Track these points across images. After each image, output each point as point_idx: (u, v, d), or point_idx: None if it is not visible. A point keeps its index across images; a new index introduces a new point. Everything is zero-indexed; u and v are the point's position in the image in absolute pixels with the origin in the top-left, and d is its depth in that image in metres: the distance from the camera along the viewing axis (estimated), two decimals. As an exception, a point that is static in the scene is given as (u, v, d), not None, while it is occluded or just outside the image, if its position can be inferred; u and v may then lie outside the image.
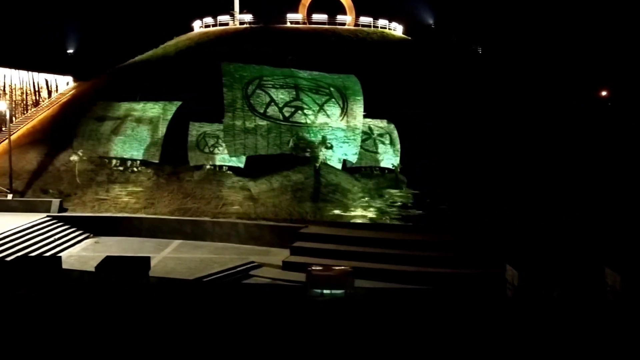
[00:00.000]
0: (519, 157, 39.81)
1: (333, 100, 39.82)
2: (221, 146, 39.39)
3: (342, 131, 38.83)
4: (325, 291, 19.54)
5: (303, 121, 38.86)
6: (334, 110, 39.31)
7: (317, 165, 38.41)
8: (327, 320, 17.23)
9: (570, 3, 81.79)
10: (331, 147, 38.63)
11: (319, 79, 40.82)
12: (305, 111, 39.30)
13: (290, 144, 38.24)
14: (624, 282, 18.39)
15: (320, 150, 38.45)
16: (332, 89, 40.49)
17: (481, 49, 65.48)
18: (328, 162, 38.72)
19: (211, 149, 39.74)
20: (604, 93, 63.84)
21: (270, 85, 40.17)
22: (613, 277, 18.96)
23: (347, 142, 38.93)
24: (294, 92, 39.97)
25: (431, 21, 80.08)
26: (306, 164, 38.83)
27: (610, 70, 70.58)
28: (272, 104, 39.30)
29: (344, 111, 39.57)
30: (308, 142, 38.59)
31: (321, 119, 39.06)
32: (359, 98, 39.53)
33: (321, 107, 39.46)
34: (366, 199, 37.70)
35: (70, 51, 73.87)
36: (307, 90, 39.86)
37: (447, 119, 43.16)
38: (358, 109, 39.33)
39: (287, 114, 39.21)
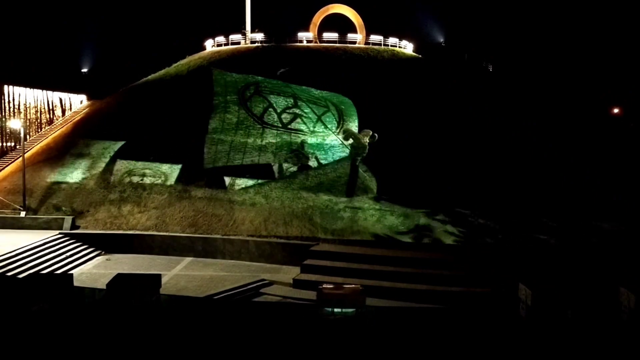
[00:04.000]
0: (530, 174, 39.54)
1: (330, 112, 39.61)
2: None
3: (339, 144, 38.40)
4: (336, 310, 19.43)
5: (303, 129, 38.21)
6: (331, 122, 38.99)
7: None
8: (338, 339, 17.10)
9: (581, 20, 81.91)
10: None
11: (315, 94, 40.83)
12: (304, 119, 38.72)
13: (289, 153, 37.49)
14: (638, 301, 18.12)
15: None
16: (328, 102, 40.39)
17: (492, 67, 65.47)
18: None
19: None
20: (616, 110, 63.40)
21: (269, 91, 39.97)
22: (627, 296, 18.70)
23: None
24: (292, 100, 39.55)
25: (441, 39, 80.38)
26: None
27: (623, 87, 70.26)
28: (270, 109, 38.77)
29: (340, 125, 39.46)
30: (308, 150, 37.72)
31: (320, 128, 38.51)
32: (354, 119, 39.46)
33: (319, 118, 39.04)
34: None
35: (84, 70, 74.88)
36: (306, 100, 39.68)
37: (456, 136, 43.06)
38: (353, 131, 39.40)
39: (285, 120, 38.69)
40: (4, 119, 49.16)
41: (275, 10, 76.45)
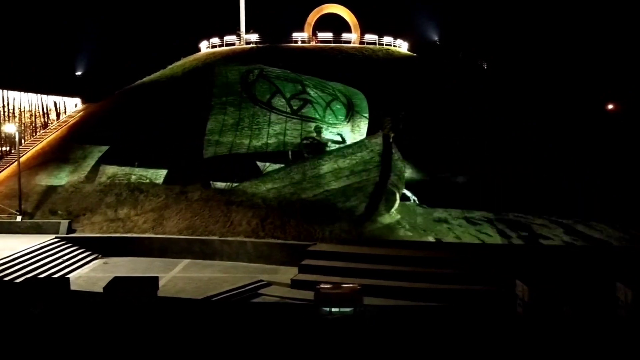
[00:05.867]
0: (527, 172, 39.59)
1: (338, 100, 37.89)
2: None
3: (348, 137, 36.94)
4: (334, 309, 19.38)
5: (314, 116, 36.19)
6: (340, 111, 37.20)
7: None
8: (337, 339, 17.08)
9: (576, 17, 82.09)
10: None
11: (324, 84, 39.46)
12: (315, 105, 36.56)
13: (303, 140, 35.64)
14: (635, 296, 18.14)
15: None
16: (337, 92, 38.89)
17: (487, 64, 65.61)
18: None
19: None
20: (610, 106, 63.46)
21: (274, 76, 38.01)
22: (624, 291, 18.72)
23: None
24: (300, 86, 37.49)
25: (436, 37, 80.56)
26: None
27: (618, 82, 70.37)
28: (278, 94, 36.92)
29: (350, 115, 37.50)
30: (324, 138, 35.31)
31: (330, 117, 36.68)
32: (365, 115, 38.41)
33: (328, 105, 37.31)
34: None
35: (78, 73, 74.69)
36: (313, 87, 37.93)
37: (453, 134, 43.11)
38: (363, 126, 38.44)
39: (295, 106, 36.68)
40: (-2, 124, 49.03)
41: (270, 10, 76.43)
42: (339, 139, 37.01)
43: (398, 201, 34.49)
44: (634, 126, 50.86)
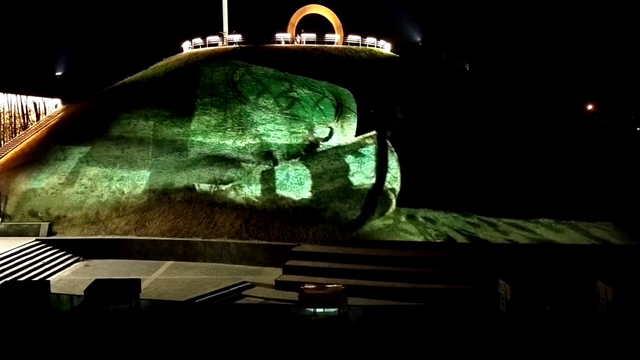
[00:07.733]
0: (507, 171, 39.91)
1: (327, 99, 37.62)
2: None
3: (338, 134, 36.66)
4: (318, 310, 19.37)
5: (303, 114, 35.81)
6: (329, 109, 36.91)
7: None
8: (320, 340, 17.06)
9: (556, 19, 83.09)
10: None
11: (311, 82, 39.00)
12: (303, 103, 36.29)
13: (300, 140, 35.09)
14: (615, 294, 18.38)
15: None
16: (325, 90, 38.56)
17: (468, 65, 66.01)
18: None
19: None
20: (590, 107, 64.26)
21: (262, 74, 37.58)
22: (605, 289, 18.95)
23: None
24: (287, 84, 37.11)
25: (419, 39, 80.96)
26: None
27: (597, 83, 71.29)
28: (266, 92, 36.45)
29: (339, 113, 37.36)
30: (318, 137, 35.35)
31: (317, 116, 36.33)
32: (353, 108, 37.99)
33: (317, 103, 37.13)
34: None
35: (58, 73, 73.70)
36: (301, 85, 37.50)
37: (434, 134, 43.28)
38: (352, 124, 38.27)
39: (283, 105, 36.50)
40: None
41: (253, 11, 76.25)
42: (327, 135, 36.80)
43: (394, 203, 34.48)
44: (618, 127, 51.61)
